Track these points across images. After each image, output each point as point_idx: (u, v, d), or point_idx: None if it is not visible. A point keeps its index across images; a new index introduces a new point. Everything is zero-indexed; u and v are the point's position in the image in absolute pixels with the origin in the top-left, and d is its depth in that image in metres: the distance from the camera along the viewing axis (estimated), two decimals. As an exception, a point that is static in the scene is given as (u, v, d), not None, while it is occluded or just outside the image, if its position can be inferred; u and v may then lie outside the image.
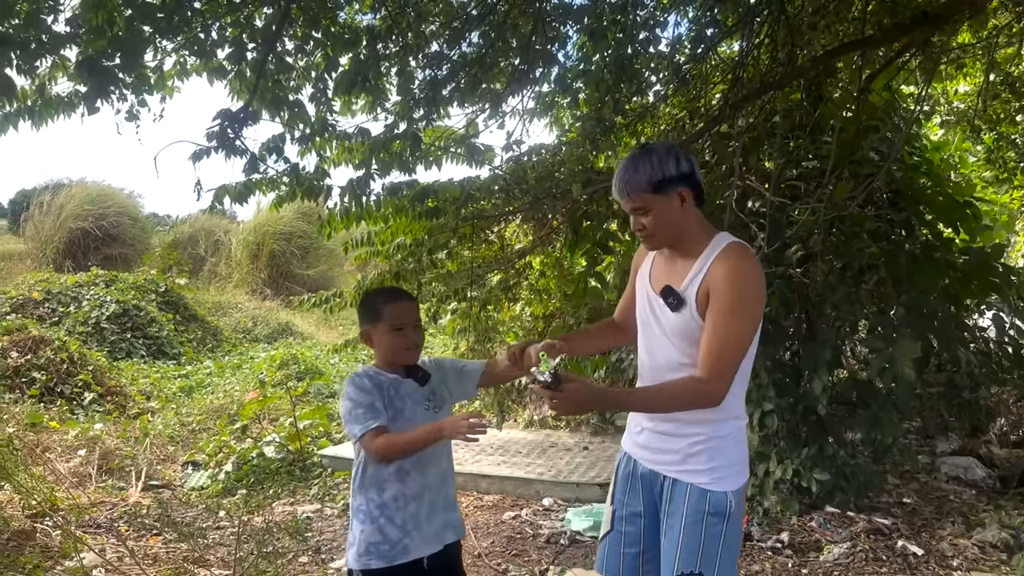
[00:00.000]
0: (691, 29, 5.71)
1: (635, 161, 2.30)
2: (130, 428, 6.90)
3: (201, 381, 10.02)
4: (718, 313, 2.22)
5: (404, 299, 2.56)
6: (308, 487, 5.86)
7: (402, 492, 2.48)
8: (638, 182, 2.28)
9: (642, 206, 2.30)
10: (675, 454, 2.37)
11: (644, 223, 2.32)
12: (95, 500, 5.41)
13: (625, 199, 2.33)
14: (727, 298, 2.22)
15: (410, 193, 5.29)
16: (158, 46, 4.36)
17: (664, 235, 2.35)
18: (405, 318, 2.49)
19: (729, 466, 2.36)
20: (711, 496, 2.31)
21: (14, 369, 7.84)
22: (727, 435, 2.36)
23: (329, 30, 4.93)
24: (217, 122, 3.96)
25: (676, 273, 2.37)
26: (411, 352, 2.51)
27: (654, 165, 2.27)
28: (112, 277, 13.45)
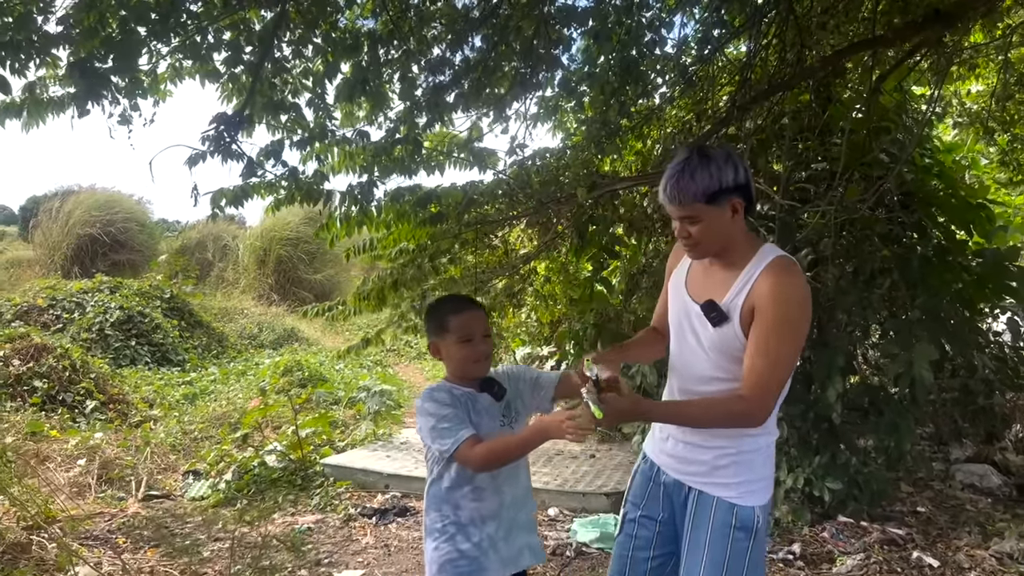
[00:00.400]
0: (697, 30, 5.61)
1: (691, 167, 2.16)
2: (131, 437, 6.81)
3: (205, 388, 9.95)
4: (767, 332, 2.14)
5: (471, 308, 2.44)
6: (310, 497, 5.77)
7: (479, 511, 2.40)
8: (693, 191, 2.15)
9: (692, 215, 2.19)
10: (702, 465, 2.32)
11: (691, 232, 2.21)
12: (93, 511, 5.33)
13: (675, 206, 2.21)
14: (775, 317, 2.13)
15: (412, 198, 5.21)
16: (152, 49, 4.28)
17: (710, 246, 2.25)
18: (473, 328, 2.38)
19: (757, 480, 2.30)
20: (738, 510, 2.25)
21: (16, 377, 7.77)
22: (757, 450, 2.30)
23: (330, 35, 4.85)
24: (213, 126, 3.87)
25: (717, 285, 2.28)
26: (481, 364, 2.40)
27: (712, 174, 2.15)
28: (117, 283, 13.41)
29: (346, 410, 8.32)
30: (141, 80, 4.35)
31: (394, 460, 6.35)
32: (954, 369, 6.28)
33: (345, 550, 4.85)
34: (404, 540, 5.03)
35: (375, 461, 6.29)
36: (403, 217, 5.25)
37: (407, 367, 13.95)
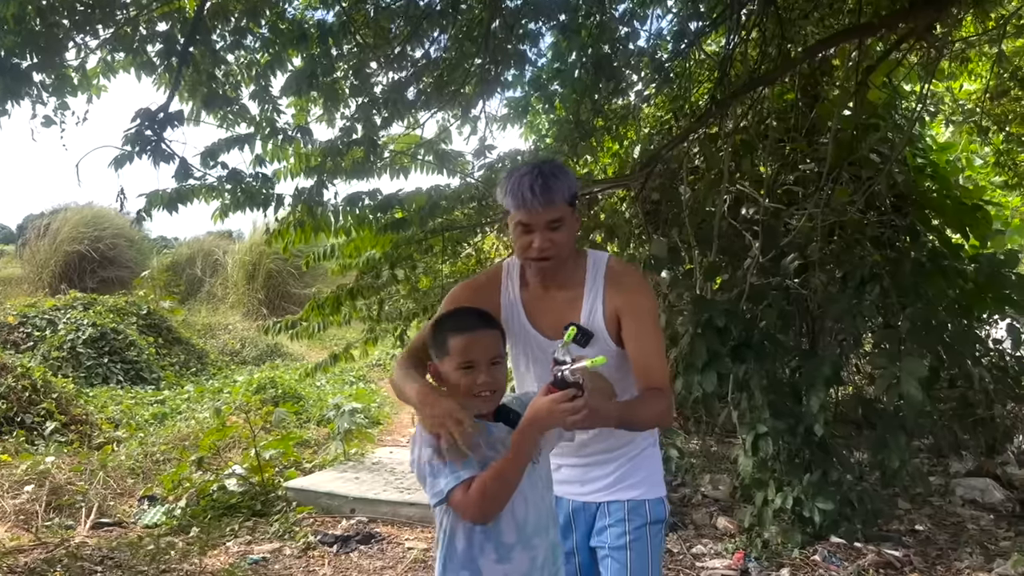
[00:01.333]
0: (673, 23, 5.32)
1: (549, 169, 2.10)
2: (87, 460, 6.46)
3: (177, 407, 9.58)
4: (648, 330, 2.16)
5: (480, 328, 1.97)
6: (269, 524, 5.42)
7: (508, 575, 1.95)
8: (561, 190, 2.08)
9: (560, 218, 2.09)
10: (606, 479, 2.29)
11: (555, 239, 2.09)
12: (35, 542, 4.98)
13: (548, 208, 2.06)
14: (648, 313, 2.18)
15: (372, 203, 4.90)
16: (79, 43, 3.98)
17: (565, 255, 2.15)
18: (477, 353, 1.93)
19: (656, 472, 2.35)
20: (650, 504, 2.28)
21: (-29, 398, 7.43)
22: (648, 446, 2.33)
23: (276, 26, 4.56)
24: (136, 123, 3.55)
25: (567, 309, 2.18)
26: (483, 399, 1.94)
27: (568, 175, 2.13)
28: (91, 300, 13.05)
29: (320, 429, 7.97)
30: (69, 77, 4.05)
31: (362, 483, 6.00)
32: (952, 380, 5.99)
33: (300, 583, 4.51)
34: (364, 571, 4.68)
35: (341, 484, 5.94)
36: (363, 223, 4.93)
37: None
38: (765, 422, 4.99)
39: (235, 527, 5.37)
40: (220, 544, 5.11)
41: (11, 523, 5.31)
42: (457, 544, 1.95)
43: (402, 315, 5.38)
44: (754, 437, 5.02)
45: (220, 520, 5.47)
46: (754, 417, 5.05)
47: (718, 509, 5.81)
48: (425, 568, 4.68)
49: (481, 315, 2.05)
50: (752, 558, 4.83)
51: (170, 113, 3.67)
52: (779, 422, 4.96)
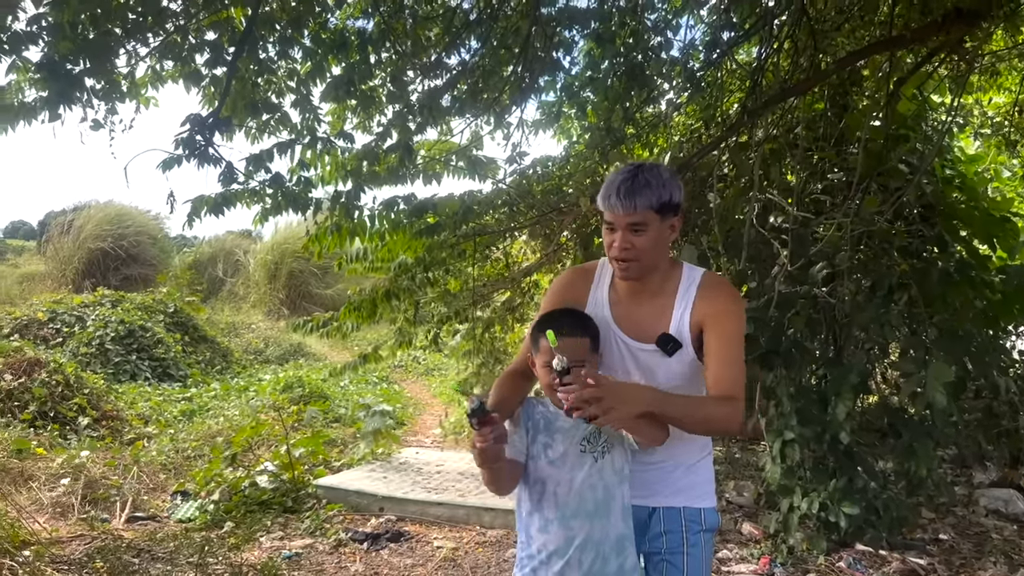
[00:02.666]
0: (706, 33, 5.38)
1: (644, 175, 2.11)
2: (120, 455, 6.59)
3: (204, 404, 9.71)
4: (729, 342, 2.16)
5: (567, 333, 2.09)
6: (300, 520, 5.52)
7: (545, 544, 2.17)
8: (648, 197, 2.09)
9: (642, 223, 2.10)
10: (664, 484, 2.32)
11: (635, 243, 2.12)
12: (73, 533, 5.10)
13: (629, 211, 2.09)
14: (734, 327, 2.18)
15: (407, 208, 4.99)
16: (130, 51, 4.09)
17: (648, 261, 2.17)
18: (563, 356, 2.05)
19: (710, 482, 2.41)
20: (705, 513, 2.33)
21: (7, 392, 7.58)
22: (705, 456, 2.39)
23: (319, 35, 4.66)
24: (186, 128, 3.66)
25: (656, 316, 2.23)
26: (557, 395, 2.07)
27: (665, 185, 2.12)
28: (119, 297, 13.25)
29: (346, 428, 8.07)
30: (118, 83, 4.16)
31: (390, 482, 6.09)
32: (977, 390, 6.00)
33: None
34: (395, 568, 4.77)
35: (370, 483, 6.04)
36: (397, 228, 5.02)
37: (414, 383, 13.70)
38: (792, 429, 5.03)
39: (267, 523, 5.47)
40: (253, 539, 5.21)
41: (48, 515, 5.44)
42: (521, 508, 2.25)
43: (434, 318, 5.46)
44: (781, 444, 5.07)
45: (252, 516, 5.57)
46: (781, 424, 5.09)
47: (743, 515, 5.86)
48: (454, 567, 4.76)
49: (575, 319, 2.20)
50: (777, 563, 4.88)
51: (219, 119, 3.78)
52: (806, 429, 5.00)
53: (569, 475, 2.16)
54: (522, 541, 2.24)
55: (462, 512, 5.49)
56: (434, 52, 5.08)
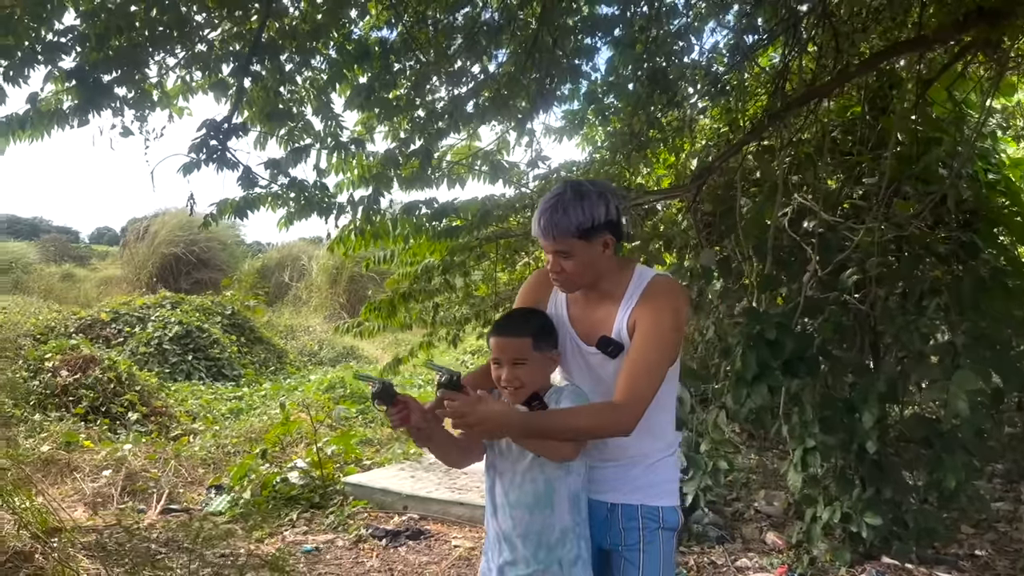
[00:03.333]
0: (729, 37, 5.35)
1: (564, 202, 2.20)
2: (161, 450, 6.85)
3: (253, 403, 10.00)
4: (643, 341, 2.20)
5: (505, 333, 2.30)
6: (325, 516, 5.66)
7: (497, 530, 2.33)
8: (566, 226, 2.18)
9: (565, 250, 2.21)
10: (621, 482, 2.36)
11: (564, 267, 2.23)
12: (108, 523, 5.33)
13: (549, 240, 2.22)
14: (651, 326, 2.21)
15: (428, 212, 5.08)
16: (159, 61, 4.28)
17: (581, 280, 2.28)
18: (499, 353, 2.27)
19: (671, 481, 2.43)
20: (663, 511, 2.35)
21: (63, 388, 7.96)
22: (665, 456, 2.40)
23: (343, 46, 4.78)
24: (202, 133, 3.82)
25: (603, 320, 2.31)
26: (510, 393, 2.25)
27: (584, 210, 2.19)
28: (179, 299, 13.73)
29: (383, 428, 8.22)
30: (149, 93, 4.35)
31: (417, 481, 6.19)
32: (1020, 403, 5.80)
33: (347, 573, 4.71)
34: (410, 565, 4.86)
35: (397, 481, 6.15)
36: (420, 231, 5.12)
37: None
38: (814, 436, 4.96)
39: (293, 517, 5.63)
40: (278, 533, 5.37)
41: (89, 504, 5.70)
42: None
43: (456, 320, 5.55)
44: (803, 452, 5.00)
45: (280, 510, 5.74)
46: (803, 432, 5.02)
47: (769, 524, 5.78)
48: (468, 565, 4.82)
49: (520, 319, 2.36)
50: (797, 574, 4.81)
51: (234, 124, 3.94)
52: (829, 437, 4.92)
53: (512, 466, 2.28)
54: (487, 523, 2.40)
55: (481, 512, 5.53)
56: (457, 60, 5.16)
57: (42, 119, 4.03)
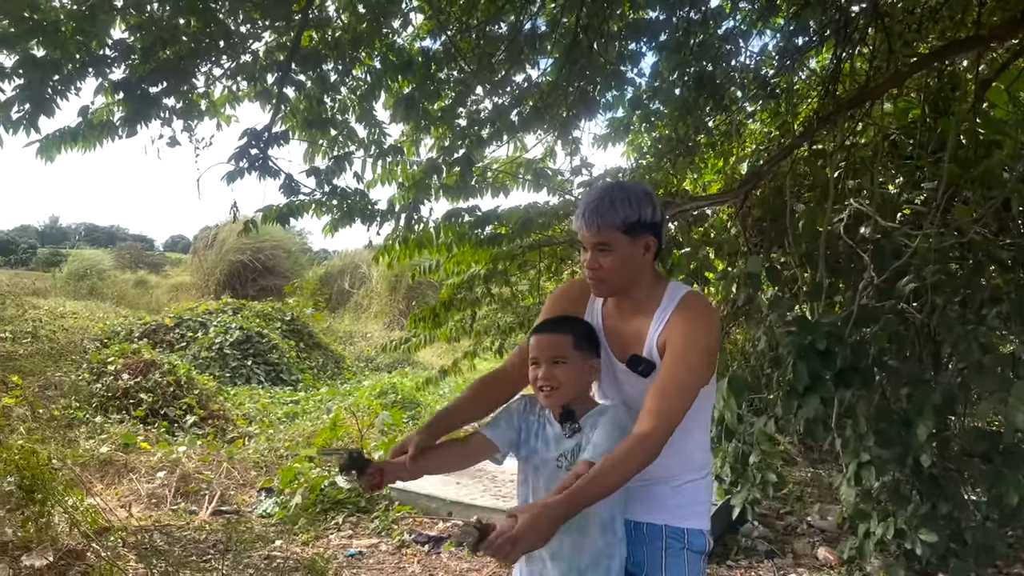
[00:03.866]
0: (777, 39, 5.23)
1: (611, 196, 2.16)
2: (216, 452, 7.00)
3: (309, 408, 10.15)
4: (674, 361, 2.12)
5: (547, 331, 2.25)
6: (370, 520, 5.70)
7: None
8: (611, 218, 2.13)
9: (607, 243, 2.15)
10: (648, 501, 2.29)
11: (602, 263, 2.17)
12: (163, 522, 5.46)
13: (592, 231, 2.16)
14: (682, 345, 2.12)
15: (471, 220, 5.09)
16: (207, 72, 4.38)
17: (617, 280, 2.21)
18: (538, 351, 2.22)
19: (700, 504, 2.35)
20: (689, 533, 2.29)
21: (124, 391, 8.20)
22: (693, 478, 2.34)
23: (386, 56, 4.83)
24: (243, 142, 3.90)
25: (635, 336, 2.26)
26: (544, 395, 2.20)
27: (631, 205, 2.15)
28: (240, 305, 14.04)
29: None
30: (197, 103, 4.46)
31: (462, 487, 6.19)
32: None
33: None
34: (451, 571, 4.86)
35: (442, 487, 6.16)
36: (463, 239, 5.13)
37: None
38: (869, 450, 4.80)
39: (339, 521, 5.68)
40: (323, 536, 5.43)
41: (144, 504, 5.85)
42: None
43: (499, 328, 5.54)
44: (856, 466, 4.85)
45: (326, 514, 5.80)
46: (857, 445, 4.87)
47: (821, 539, 5.62)
48: (507, 573, 4.79)
49: (561, 319, 2.30)
50: (844, 590, 4.67)
51: (275, 133, 4.01)
52: (884, 451, 4.76)
53: (545, 486, 2.19)
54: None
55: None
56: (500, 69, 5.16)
57: (92, 131, 4.16)
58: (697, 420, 2.24)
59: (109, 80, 4.06)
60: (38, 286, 20.24)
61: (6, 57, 3.79)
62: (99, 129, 4.16)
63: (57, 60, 3.67)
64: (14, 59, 3.68)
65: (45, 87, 3.79)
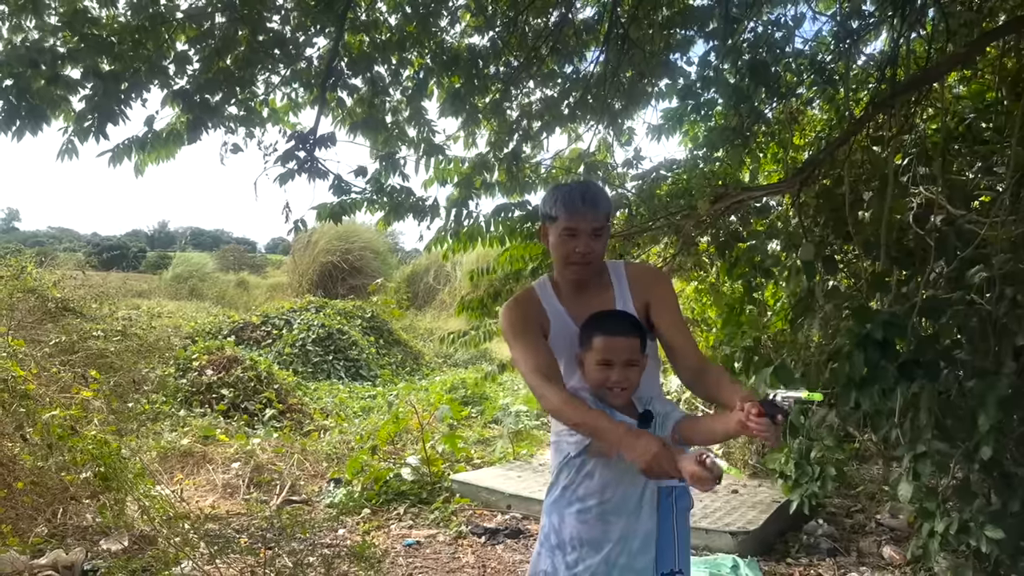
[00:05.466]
0: (832, 24, 5.10)
1: (593, 186, 2.50)
2: (289, 444, 7.27)
3: (384, 403, 10.39)
4: (677, 316, 2.51)
5: (622, 334, 2.31)
6: (431, 511, 5.84)
7: (579, 534, 2.38)
8: (606, 205, 2.42)
9: (601, 227, 2.39)
10: None
11: (594, 247, 2.38)
12: (234, 511, 5.73)
13: (597, 216, 2.37)
14: (672, 301, 2.55)
15: (522, 214, 5.15)
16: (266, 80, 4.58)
17: (598, 263, 2.45)
18: (614, 354, 2.29)
19: None
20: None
21: (207, 385, 8.60)
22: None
23: (438, 55, 4.94)
24: (290, 145, 4.06)
25: (600, 307, 2.43)
26: (614, 393, 2.32)
27: (606, 196, 2.49)
28: (322, 303, 14.48)
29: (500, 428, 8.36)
30: (258, 111, 4.66)
31: (522, 481, 6.27)
32: None
33: (442, 567, 4.84)
34: (504, 563, 4.93)
35: (502, 481, 6.25)
36: (513, 233, 5.19)
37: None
38: (927, 443, 4.65)
39: (400, 512, 5.84)
40: (385, 526, 5.59)
41: (219, 494, 6.14)
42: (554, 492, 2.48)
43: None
44: (912, 458, 4.69)
45: (389, 505, 5.97)
46: (915, 437, 4.71)
47: (890, 538, 5.46)
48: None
49: (628, 320, 2.39)
50: (909, 590, 4.53)
51: (322, 136, 4.17)
52: (942, 444, 4.60)
53: (617, 474, 2.30)
54: (554, 526, 2.39)
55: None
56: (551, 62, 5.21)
57: (159, 139, 4.40)
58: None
59: (169, 90, 4.29)
60: (144, 288, 21.34)
61: (75, 70, 4.07)
62: (166, 137, 4.40)
63: (119, 72, 3.91)
64: (80, 72, 3.94)
65: (110, 98, 4.04)
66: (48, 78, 3.90)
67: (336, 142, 4.25)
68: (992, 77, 5.37)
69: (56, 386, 5.72)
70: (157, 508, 4.56)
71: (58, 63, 3.90)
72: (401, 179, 4.66)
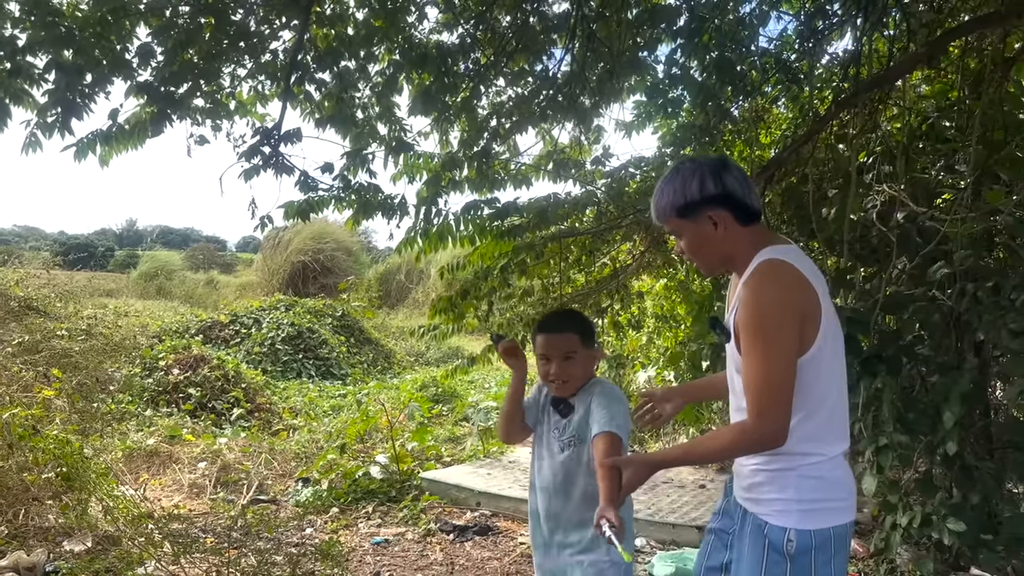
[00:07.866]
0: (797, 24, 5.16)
1: (662, 184, 2.20)
2: (256, 444, 7.21)
3: (355, 402, 10.34)
4: (749, 346, 2.01)
5: (553, 332, 2.60)
6: (400, 509, 5.82)
7: (533, 505, 2.71)
8: (664, 207, 2.18)
9: (674, 230, 2.22)
10: (743, 479, 2.24)
11: (682, 247, 2.24)
12: (200, 511, 5.67)
13: (660, 224, 2.26)
14: (752, 327, 2.01)
15: (492, 212, 5.15)
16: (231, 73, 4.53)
17: (704, 260, 2.24)
18: (549, 350, 2.56)
19: (793, 501, 2.10)
20: (768, 529, 2.12)
21: (174, 385, 8.51)
22: (790, 468, 2.11)
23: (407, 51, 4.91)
24: (255, 140, 4.03)
25: (729, 300, 2.33)
26: (554, 385, 2.59)
27: (676, 188, 2.14)
28: (292, 302, 14.38)
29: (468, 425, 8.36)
30: (225, 103, 4.61)
31: (491, 478, 6.28)
32: None
33: (410, 565, 4.83)
34: (472, 559, 4.93)
35: (472, 478, 6.25)
36: (484, 231, 5.19)
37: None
38: (888, 436, 4.72)
39: (369, 510, 5.82)
40: (353, 524, 5.57)
41: (185, 494, 6.08)
42: None
43: (522, 320, 5.59)
44: (875, 452, 4.77)
45: (358, 503, 5.95)
46: (876, 431, 4.78)
47: (854, 532, 5.53)
48: (528, 562, 4.84)
49: (565, 317, 2.63)
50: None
51: (287, 131, 4.14)
52: (903, 437, 4.67)
53: (547, 454, 2.63)
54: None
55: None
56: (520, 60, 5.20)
57: (123, 133, 4.34)
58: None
59: (132, 83, 4.23)
60: (111, 287, 21.05)
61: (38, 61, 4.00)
62: (130, 131, 4.33)
63: (81, 65, 3.85)
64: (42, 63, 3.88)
65: (73, 91, 3.98)
66: (10, 70, 3.83)
67: (302, 138, 4.22)
68: (954, 76, 5.46)
69: (18, 385, 5.62)
70: (121, 508, 4.50)
71: (18, 56, 3.84)
72: (369, 176, 4.63)
